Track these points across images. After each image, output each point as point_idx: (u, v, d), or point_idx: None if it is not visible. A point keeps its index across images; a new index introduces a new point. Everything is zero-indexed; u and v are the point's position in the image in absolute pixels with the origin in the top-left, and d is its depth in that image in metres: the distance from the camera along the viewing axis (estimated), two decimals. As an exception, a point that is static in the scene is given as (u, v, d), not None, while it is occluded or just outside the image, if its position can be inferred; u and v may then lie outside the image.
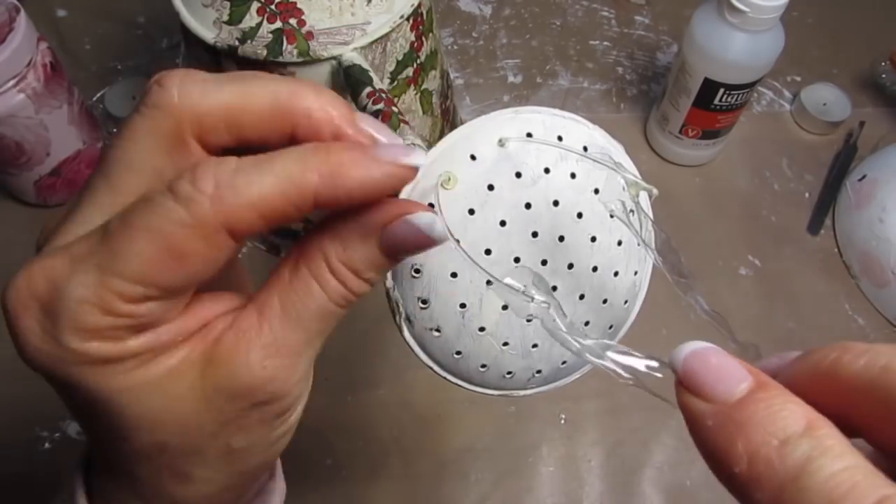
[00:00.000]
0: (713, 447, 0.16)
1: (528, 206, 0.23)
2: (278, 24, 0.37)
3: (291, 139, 0.19)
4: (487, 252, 0.23)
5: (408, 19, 0.40)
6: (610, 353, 0.20)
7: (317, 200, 0.17)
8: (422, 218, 0.19)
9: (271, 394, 0.19)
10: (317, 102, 0.19)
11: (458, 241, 0.21)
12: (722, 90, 0.53)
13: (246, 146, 0.19)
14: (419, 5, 0.41)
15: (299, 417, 0.22)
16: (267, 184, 0.17)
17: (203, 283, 0.18)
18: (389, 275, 0.24)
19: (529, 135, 0.24)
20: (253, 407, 0.19)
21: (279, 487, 0.28)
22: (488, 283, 0.23)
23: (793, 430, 0.15)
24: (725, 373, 0.16)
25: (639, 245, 0.26)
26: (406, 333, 0.25)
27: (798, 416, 0.15)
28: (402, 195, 0.23)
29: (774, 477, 0.15)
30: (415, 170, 0.18)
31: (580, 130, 0.25)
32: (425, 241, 0.19)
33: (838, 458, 0.14)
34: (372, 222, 0.19)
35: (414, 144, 0.20)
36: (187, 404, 0.19)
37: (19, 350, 0.18)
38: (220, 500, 0.22)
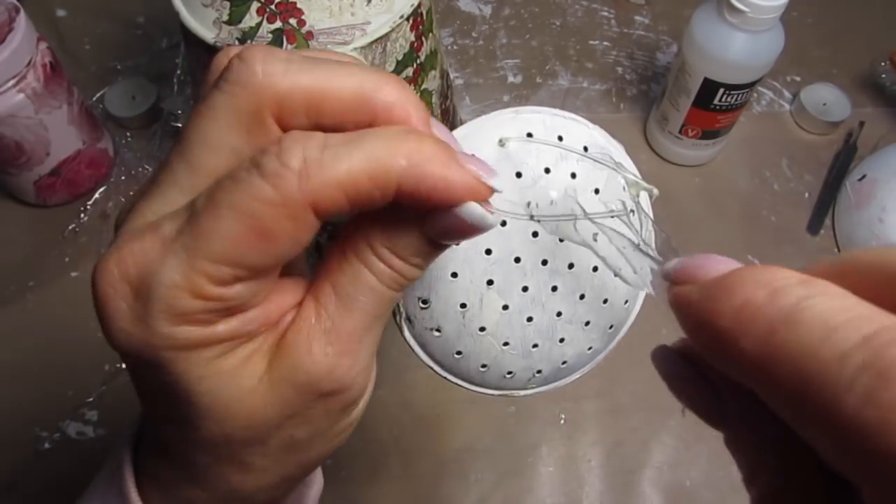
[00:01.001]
0: (697, 315, 0.15)
1: (528, 206, 0.23)
2: (278, 24, 0.37)
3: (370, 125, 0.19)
4: (488, 252, 0.23)
5: (408, 19, 0.40)
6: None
7: (399, 188, 0.17)
8: (471, 211, 0.18)
9: (336, 383, 0.19)
10: (400, 100, 0.18)
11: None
12: (722, 90, 0.53)
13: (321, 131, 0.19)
14: (419, 5, 0.41)
15: (362, 413, 0.22)
16: (356, 162, 0.17)
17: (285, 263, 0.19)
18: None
19: (530, 135, 0.24)
20: (319, 399, 0.19)
21: (317, 476, 0.28)
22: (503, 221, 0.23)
23: (786, 281, 0.13)
24: (714, 260, 0.16)
25: (639, 245, 0.26)
26: (406, 333, 0.25)
27: (792, 273, 0.14)
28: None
29: (762, 320, 0.13)
30: (492, 191, 0.18)
31: (580, 130, 0.25)
32: (472, 231, 0.19)
33: (838, 297, 0.13)
34: (411, 209, 0.19)
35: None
36: (257, 397, 0.19)
37: (106, 332, 0.18)
38: (276, 489, 0.22)
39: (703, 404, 0.19)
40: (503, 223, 0.23)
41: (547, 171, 0.24)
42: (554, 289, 0.24)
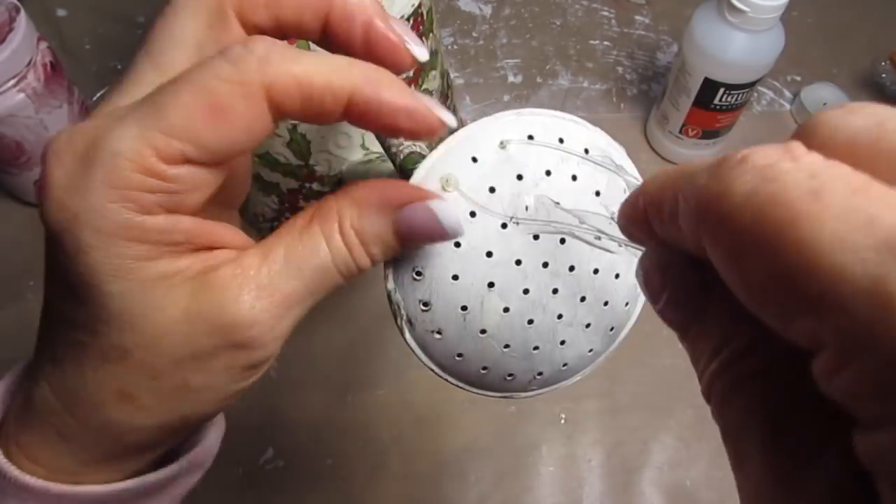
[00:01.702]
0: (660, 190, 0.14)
1: (529, 208, 0.23)
2: (279, 25, 0.37)
3: (325, 26, 0.20)
4: (489, 254, 0.23)
5: (408, 19, 0.40)
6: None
7: (351, 101, 0.18)
8: (442, 208, 0.19)
9: (249, 338, 0.19)
10: None
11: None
12: (722, 90, 0.53)
13: (281, 31, 0.20)
14: (419, 5, 0.41)
15: (252, 382, 0.21)
16: (313, 63, 0.18)
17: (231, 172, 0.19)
18: (391, 277, 0.24)
19: (531, 137, 0.24)
20: (227, 348, 0.19)
21: (218, 421, 0.27)
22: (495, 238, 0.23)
23: (775, 156, 0.12)
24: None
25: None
26: (407, 336, 0.25)
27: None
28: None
29: (734, 157, 0.12)
30: (444, 126, 0.19)
31: (581, 132, 0.25)
32: (439, 232, 0.20)
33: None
34: (393, 197, 0.20)
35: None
36: (167, 319, 0.18)
37: (41, 203, 0.18)
38: (151, 435, 0.21)
39: (686, 293, 0.16)
40: (503, 225, 0.23)
41: (548, 173, 0.24)
42: (555, 291, 0.24)
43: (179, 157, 0.17)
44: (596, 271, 0.25)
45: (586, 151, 0.24)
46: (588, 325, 0.26)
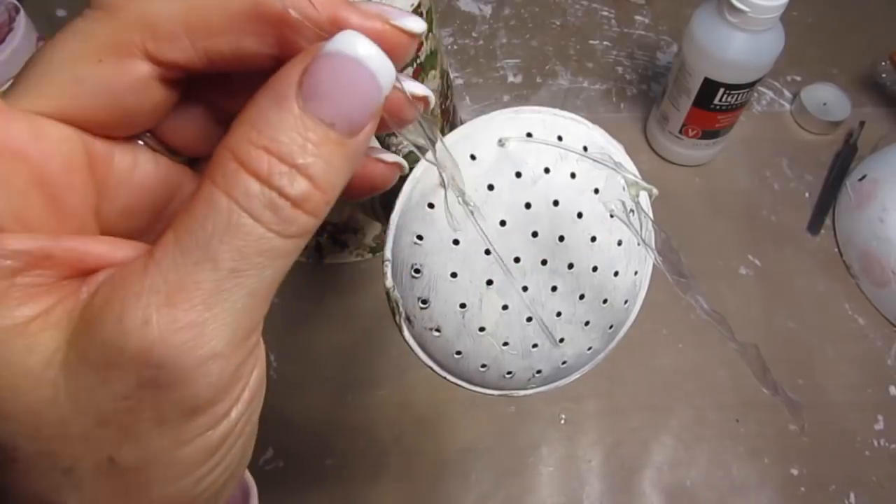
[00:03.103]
0: None
1: (527, 205, 0.23)
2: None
3: (279, 43, 0.15)
4: (487, 252, 0.23)
5: (408, 19, 0.40)
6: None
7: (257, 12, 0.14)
8: (345, 43, 0.13)
9: (158, 366, 0.13)
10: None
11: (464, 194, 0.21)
12: (722, 90, 0.53)
13: (216, 63, 0.15)
14: (419, 5, 0.41)
15: (235, 427, 0.15)
16: None
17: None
18: (389, 274, 0.24)
19: (529, 135, 0.24)
20: (139, 389, 0.13)
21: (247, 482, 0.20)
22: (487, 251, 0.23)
23: None
24: None
25: (639, 245, 0.26)
26: (406, 333, 0.25)
27: None
28: (403, 194, 0.23)
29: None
30: (413, 36, 0.15)
31: (580, 130, 0.25)
32: (364, 79, 0.13)
33: None
34: (287, 76, 0.13)
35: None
36: (42, 385, 0.13)
37: None
38: None
39: None
40: (502, 223, 0.23)
41: (546, 170, 0.24)
42: (553, 289, 0.24)
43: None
44: (595, 269, 0.25)
45: (585, 149, 0.24)
46: (587, 323, 0.26)
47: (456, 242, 0.23)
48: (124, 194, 0.17)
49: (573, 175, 0.24)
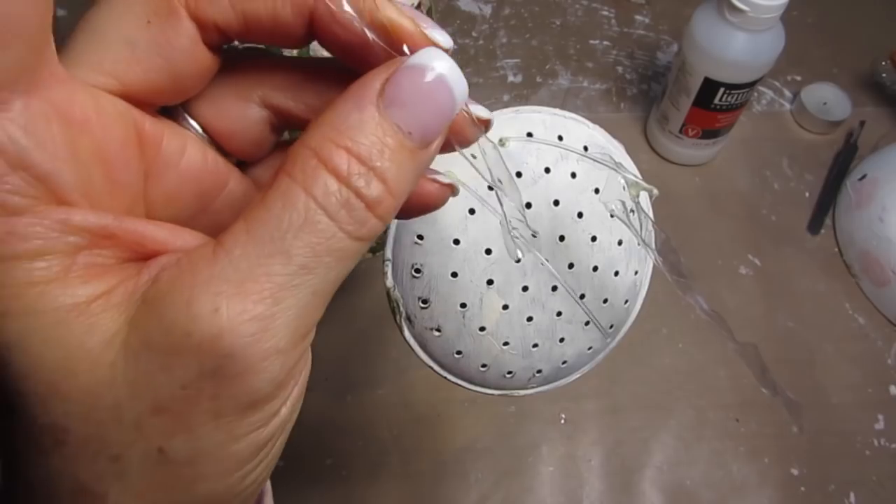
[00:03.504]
0: None
1: (528, 205, 0.23)
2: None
3: (312, 22, 0.15)
4: (488, 251, 0.23)
5: (408, 19, 0.40)
6: None
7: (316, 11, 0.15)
8: (430, 55, 0.14)
9: (226, 356, 0.12)
10: None
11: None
12: (722, 90, 0.53)
13: (250, 32, 0.16)
14: (419, 5, 0.41)
15: (285, 429, 0.15)
16: None
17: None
18: (389, 274, 0.24)
19: (530, 134, 0.24)
20: (200, 381, 0.12)
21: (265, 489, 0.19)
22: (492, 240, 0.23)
23: None
24: None
25: (639, 245, 0.26)
26: (406, 333, 0.25)
27: None
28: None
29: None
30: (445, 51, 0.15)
31: (580, 130, 0.25)
32: (442, 93, 0.14)
33: None
34: (370, 82, 0.14)
35: None
36: (100, 366, 0.12)
37: None
38: None
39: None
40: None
41: (547, 170, 0.24)
42: (554, 289, 0.24)
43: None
44: (595, 269, 0.25)
45: (585, 149, 0.24)
46: (587, 323, 0.26)
47: (456, 242, 0.23)
48: (171, 180, 0.16)
49: (574, 175, 0.24)
